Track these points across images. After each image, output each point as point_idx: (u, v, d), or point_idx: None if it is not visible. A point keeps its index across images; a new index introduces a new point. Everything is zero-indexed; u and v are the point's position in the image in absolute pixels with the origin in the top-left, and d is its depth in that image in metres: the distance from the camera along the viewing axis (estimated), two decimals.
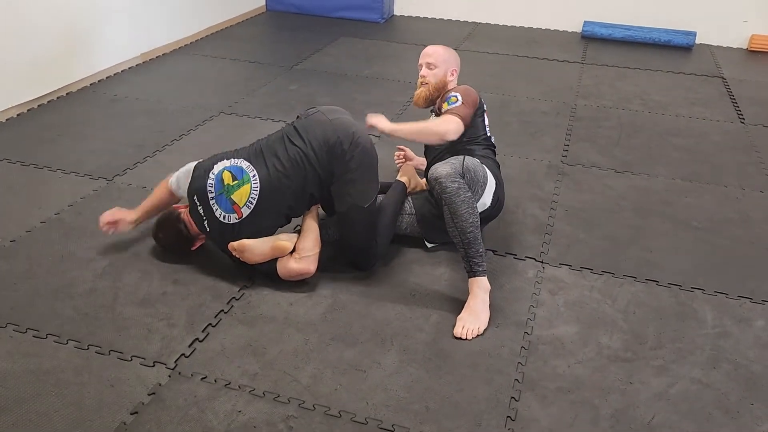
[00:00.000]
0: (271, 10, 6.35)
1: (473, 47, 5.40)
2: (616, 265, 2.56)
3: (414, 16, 6.38)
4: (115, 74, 4.43)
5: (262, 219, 2.29)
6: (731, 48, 5.64)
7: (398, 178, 2.69)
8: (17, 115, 3.72)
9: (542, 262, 2.56)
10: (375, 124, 2.43)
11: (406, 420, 1.83)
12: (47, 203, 2.84)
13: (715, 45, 5.70)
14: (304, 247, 2.30)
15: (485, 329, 2.16)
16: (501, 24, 6.17)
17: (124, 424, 1.77)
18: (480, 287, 2.23)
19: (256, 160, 2.32)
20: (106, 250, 2.52)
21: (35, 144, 3.38)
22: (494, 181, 2.48)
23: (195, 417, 1.81)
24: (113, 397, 1.86)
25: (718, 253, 2.67)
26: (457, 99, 2.49)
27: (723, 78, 4.83)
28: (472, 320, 2.17)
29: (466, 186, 2.25)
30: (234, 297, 2.30)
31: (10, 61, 3.64)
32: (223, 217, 2.28)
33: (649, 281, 2.47)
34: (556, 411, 1.88)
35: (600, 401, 1.92)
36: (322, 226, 2.44)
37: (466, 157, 2.38)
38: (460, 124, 2.42)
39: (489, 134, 2.65)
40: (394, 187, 2.60)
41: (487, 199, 2.45)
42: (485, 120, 2.64)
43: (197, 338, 2.10)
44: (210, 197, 2.30)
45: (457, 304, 2.26)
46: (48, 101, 3.92)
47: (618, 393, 1.95)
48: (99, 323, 2.15)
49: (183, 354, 2.03)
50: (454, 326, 2.17)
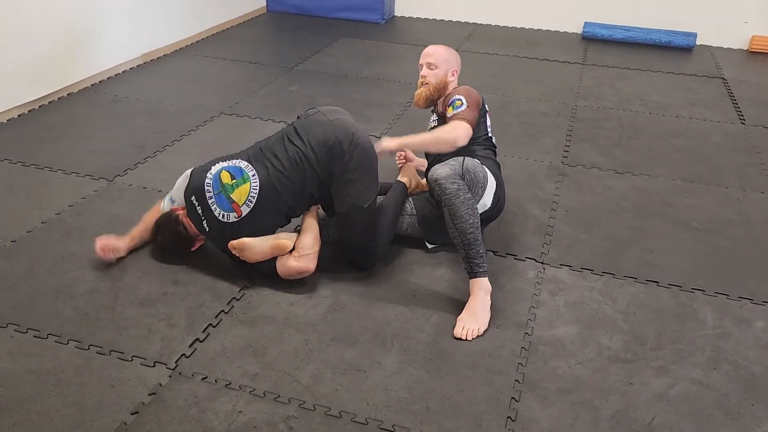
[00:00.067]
0: (271, 11, 6.35)
1: (474, 48, 5.40)
2: (616, 266, 2.56)
3: (414, 16, 6.38)
4: (115, 75, 4.44)
5: (262, 218, 2.29)
6: (732, 49, 5.64)
7: (399, 178, 2.70)
8: (18, 115, 3.72)
9: (542, 263, 2.56)
10: (384, 148, 2.46)
11: (407, 420, 1.83)
12: (48, 203, 2.84)
13: (716, 46, 5.70)
14: (303, 245, 2.30)
15: (485, 330, 2.17)
16: (501, 25, 6.17)
17: (125, 424, 1.78)
18: (481, 288, 2.23)
19: (256, 161, 2.33)
20: None
21: (36, 144, 3.39)
22: (495, 182, 2.48)
23: (195, 417, 1.81)
24: (114, 397, 1.86)
25: (718, 254, 2.67)
26: (462, 103, 2.49)
27: (723, 79, 4.83)
28: (472, 321, 2.17)
29: (465, 187, 2.25)
30: (234, 297, 2.30)
31: (11, 61, 3.65)
32: (222, 216, 2.28)
33: (649, 282, 2.47)
34: (556, 412, 1.88)
35: (600, 402, 1.92)
36: (322, 227, 2.44)
37: (466, 158, 2.38)
38: (469, 129, 2.43)
39: (490, 134, 2.65)
40: (395, 188, 2.61)
41: (488, 199, 2.45)
42: (487, 120, 2.65)
43: (198, 338, 2.10)
44: (208, 197, 2.30)
45: (457, 305, 2.26)
46: (49, 102, 3.93)
47: (618, 394, 1.95)
48: (100, 323, 2.15)
49: (183, 354, 2.03)
50: (454, 327, 2.17)
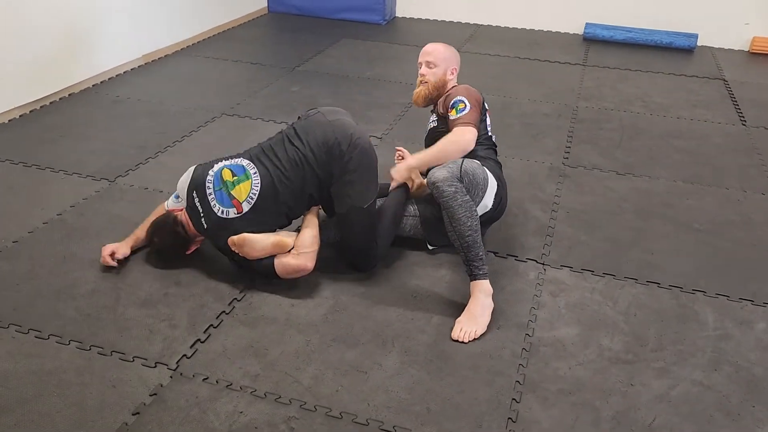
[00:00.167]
0: (272, 12, 6.36)
1: (475, 49, 5.40)
2: (617, 267, 2.56)
3: (416, 17, 6.38)
4: (117, 75, 4.44)
5: (262, 217, 2.29)
6: (733, 50, 5.64)
7: (392, 186, 2.67)
8: (20, 116, 3.73)
9: (543, 264, 2.56)
10: (398, 179, 2.51)
11: (408, 421, 1.83)
12: (49, 204, 2.84)
13: (717, 47, 5.70)
14: (302, 244, 2.30)
15: (483, 333, 2.16)
16: (502, 26, 6.17)
17: (126, 424, 1.78)
18: (481, 291, 2.22)
19: (258, 160, 2.34)
20: None
21: (37, 145, 3.39)
22: (495, 183, 2.48)
23: (196, 418, 1.81)
24: (115, 398, 1.86)
25: (719, 255, 2.67)
26: (465, 105, 2.48)
27: (724, 80, 4.82)
28: (471, 323, 2.16)
29: (463, 189, 2.24)
30: (235, 298, 2.30)
31: (12, 61, 3.65)
32: (222, 212, 2.28)
33: (650, 283, 2.47)
34: (557, 413, 1.88)
35: (601, 403, 1.92)
36: (322, 228, 2.44)
37: (465, 159, 2.37)
38: (475, 132, 2.45)
39: (490, 134, 2.65)
40: (397, 190, 2.59)
41: (489, 201, 2.45)
42: (487, 120, 2.65)
43: (199, 339, 2.10)
44: (208, 192, 2.30)
45: (458, 306, 2.26)
46: (50, 102, 3.93)
47: (619, 395, 1.95)
48: (101, 324, 2.15)
49: (185, 355, 2.03)
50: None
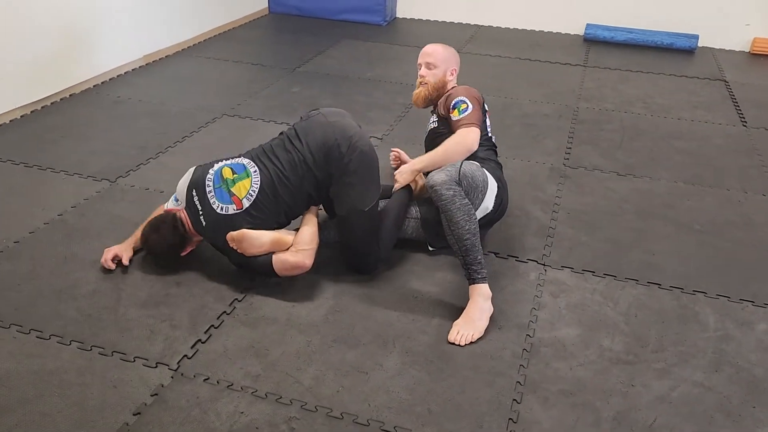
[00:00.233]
0: (273, 13, 6.36)
1: (475, 50, 5.40)
2: (617, 268, 2.56)
3: (416, 18, 6.39)
4: (117, 76, 4.44)
5: (261, 214, 2.29)
6: (734, 51, 5.64)
7: (395, 188, 2.66)
8: (20, 116, 3.73)
9: (544, 265, 2.56)
10: (402, 182, 2.52)
11: (408, 422, 1.83)
12: (50, 204, 2.85)
13: (718, 48, 5.70)
14: (301, 241, 2.29)
15: (481, 337, 2.15)
16: (503, 27, 6.17)
17: (127, 425, 1.78)
18: (480, 294, 2.21)
19: (257, 159, 2.35)
20: None
21: (38, 145, 3.39)
22: (496, 184, 2.47)
23: (197, 418, 1.81)
24: (116, 398, 1.86)
25: (720, 256, 2.67)
26: (467, 105, 2.49)
27: (725, 81, 4.83)
28: (468, 327, 2.16)
29: (462, 193, 2.23)
30: (236, 299, 2.30)
31: (12, 61, 3.65)
32: (221, 209, 2.28)
33: (650, 284, 2.47)
34: (557, 413, 1.88)
35: (602, 404, 1.92)
36: (322, 228, 2.44)
37: (464, 162, 2.35)
38: (478, 132, 2.47)
39: (490, 135, 2.65)
40: (399, 192, 2.59)
41: (489, 202, 2.44)
42: (487, 121, 2.65)
43: (200, 339, 2.10)
44: (208, 190, 2.31)
45: (459, 308, 2.26)
46: (51, 103, 3.93)
47: (620, 396, 1.95)
48: (102, 324, 2.15)
49: (185, 355, 2.03)
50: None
